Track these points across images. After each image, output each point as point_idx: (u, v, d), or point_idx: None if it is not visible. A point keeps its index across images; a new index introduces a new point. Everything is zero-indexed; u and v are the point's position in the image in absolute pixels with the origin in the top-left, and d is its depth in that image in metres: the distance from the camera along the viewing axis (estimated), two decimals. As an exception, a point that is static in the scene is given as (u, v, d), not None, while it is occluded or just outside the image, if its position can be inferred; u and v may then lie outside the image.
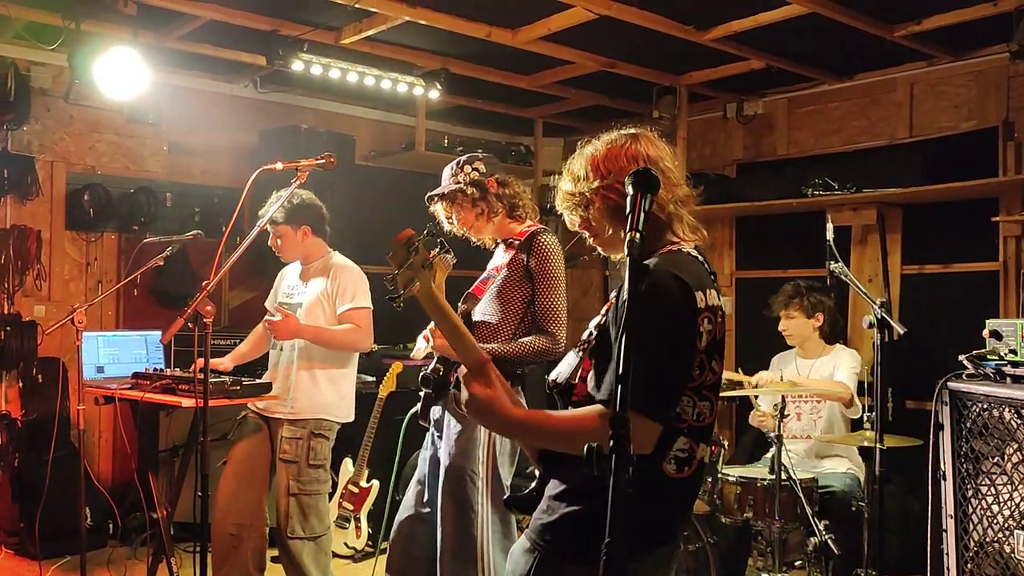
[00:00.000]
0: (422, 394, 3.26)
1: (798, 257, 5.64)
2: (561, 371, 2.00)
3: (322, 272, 3.91)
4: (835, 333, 4.79)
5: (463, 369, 1.91)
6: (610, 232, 1.97)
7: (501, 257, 3.28)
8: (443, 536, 3.12)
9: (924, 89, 5.38)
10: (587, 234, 2.03)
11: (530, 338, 3.11)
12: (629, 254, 1.49)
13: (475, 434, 3.13)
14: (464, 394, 1.88)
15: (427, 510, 3.24)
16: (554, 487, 1.93)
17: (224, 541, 3.81)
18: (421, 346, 3.37)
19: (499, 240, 3.33)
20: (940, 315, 5.09)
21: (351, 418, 3.98)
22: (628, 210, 1.55)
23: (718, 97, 6.18)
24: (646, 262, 1.84)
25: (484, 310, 3.20)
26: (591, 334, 1.96)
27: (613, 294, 1.95)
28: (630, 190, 1.58)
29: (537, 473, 2.01)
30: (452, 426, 3.18)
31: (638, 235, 1.50)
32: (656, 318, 1.75)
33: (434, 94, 5.52)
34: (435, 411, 3.28)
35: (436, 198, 3.29)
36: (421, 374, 3.25)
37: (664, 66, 5.60)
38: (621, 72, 5.50)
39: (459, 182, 3.22)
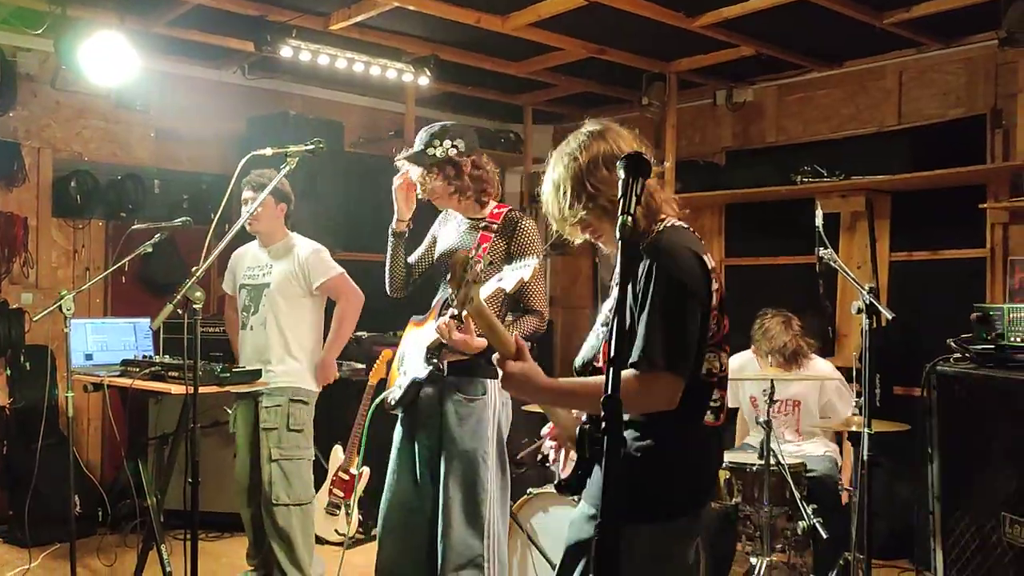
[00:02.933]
0: (404, 383, 3.18)
1: (787, 244, 5.67)
2: (585, 354, 2.10)
3: (285, 253, 4.05)
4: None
5: (496, 356, 1.94)
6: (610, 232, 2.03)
7: (468, 238, 3.20)
8: (451, 517, 3.09)
9: (913, 76, 5.39)
10: (592, 239, 2.08)
11: (519, 318, 3.11)
12: (621, 237, 1.50)
13: (484, 414, 3.13)
14: (500, 373, 1.92)
15: (418, 501, 3.21)
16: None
17: (251, 521, 4.09)
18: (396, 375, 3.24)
19: (464, 217, 3.25)
20: (928, 301, 5.11)
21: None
22: (620, 194, 1.56)
23: (707, 84, 6.18)
24: (655, 238, 1.95)
25: None
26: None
27: (616, 275, 1.97)
28: (622, 174, 1.58)
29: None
30: (457, 412, 3.13)
31: (630, 218, 1.51)
32: (680, 287, 1.88)
33: (423, 80, 5.50)
34: (425, 395, 3.19)
35: (409, 160, 3.19)
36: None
37: (653, 53, 5.60)
38: (611, 59, 5.49)
39: (435, 154, 3.14)
